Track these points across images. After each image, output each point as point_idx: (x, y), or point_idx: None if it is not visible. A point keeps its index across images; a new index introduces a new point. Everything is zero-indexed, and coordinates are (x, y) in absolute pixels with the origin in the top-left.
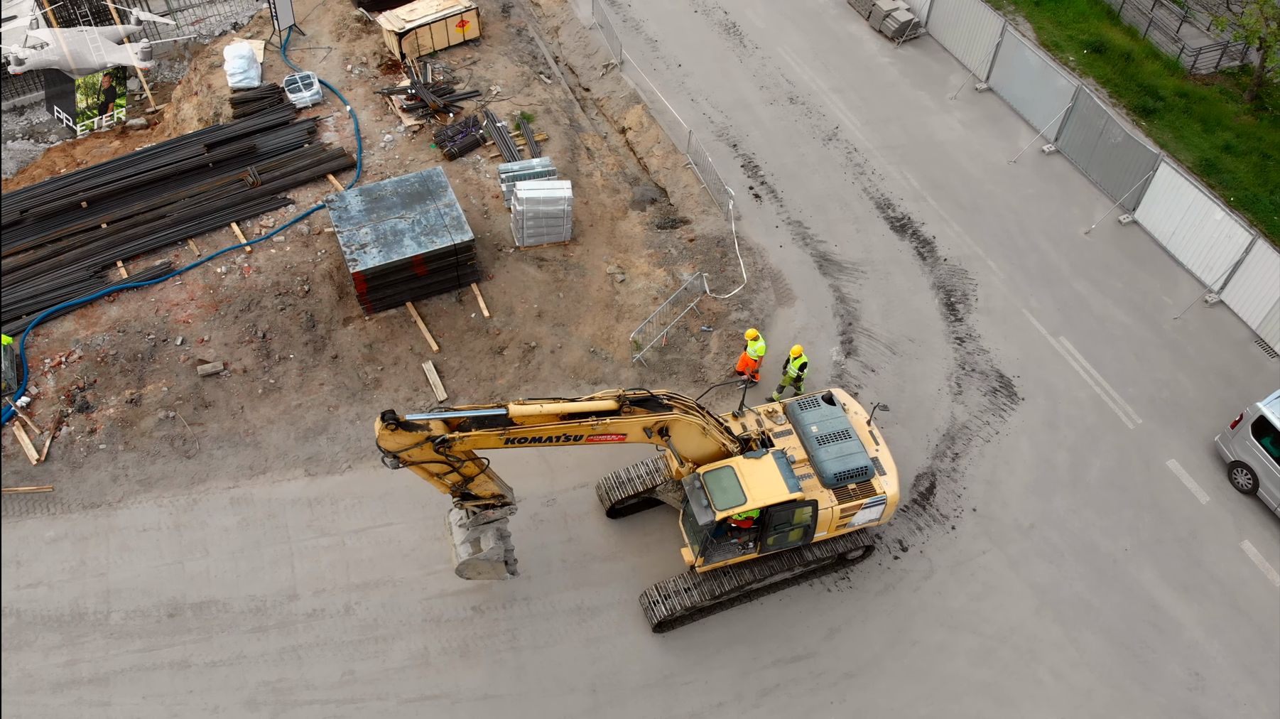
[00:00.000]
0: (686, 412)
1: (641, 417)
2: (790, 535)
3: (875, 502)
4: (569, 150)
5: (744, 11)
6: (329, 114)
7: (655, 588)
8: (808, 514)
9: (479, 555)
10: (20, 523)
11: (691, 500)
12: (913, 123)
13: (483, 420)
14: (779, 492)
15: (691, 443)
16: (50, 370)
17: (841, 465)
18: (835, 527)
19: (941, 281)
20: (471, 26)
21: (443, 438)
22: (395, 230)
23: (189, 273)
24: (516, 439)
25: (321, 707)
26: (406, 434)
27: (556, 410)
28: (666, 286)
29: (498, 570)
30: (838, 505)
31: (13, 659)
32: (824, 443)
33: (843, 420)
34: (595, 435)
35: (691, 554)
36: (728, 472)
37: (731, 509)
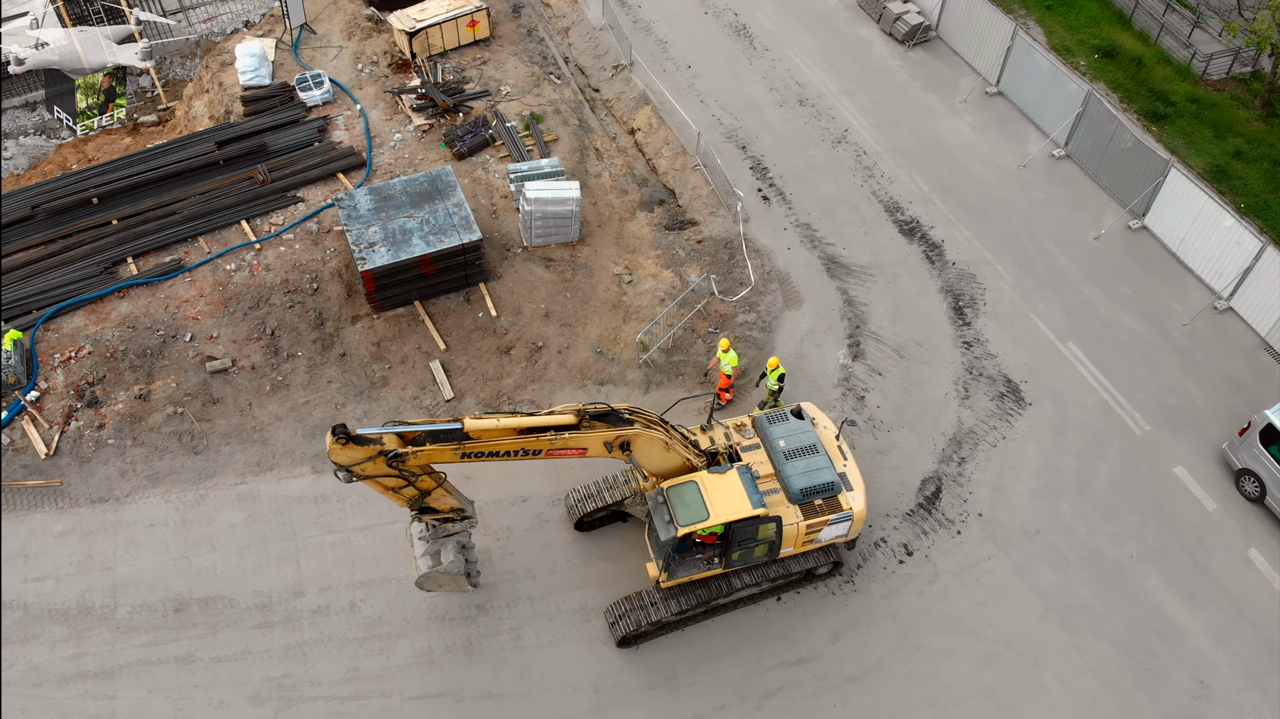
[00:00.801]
0: (648, 426)
1: (601, 431)
2: (755, 551)
3: (841, 518)
4: (578, 151)
5: (754, 13)
6: (339, 113)
7: (619, 603)
8: (772, 530)
9: (439, 568)
10: (28, 516)
11: (655, 515)
12: (922, 126)
13: (437, 435)
14: (742, 507)
15: (654, 458)
16: (60, 365)
17: (808, 481)
18: (802, 542)
19: (950, 285)
20: (482, 26)
21: (395, 452)
22: (404, 229)
23: (199, 270)
24: (473, 454)
25: (326, 703)
26: (358, 448)
27: (513, 425)
28: (674, 288)
29: (459, 583)
30: (804, 521)
31: (19, 652)
32: (791, 458)
33: (811, 435)
34: (554, 450)
35: (656, 569)
36: (691, 487)
37: (694, 525)
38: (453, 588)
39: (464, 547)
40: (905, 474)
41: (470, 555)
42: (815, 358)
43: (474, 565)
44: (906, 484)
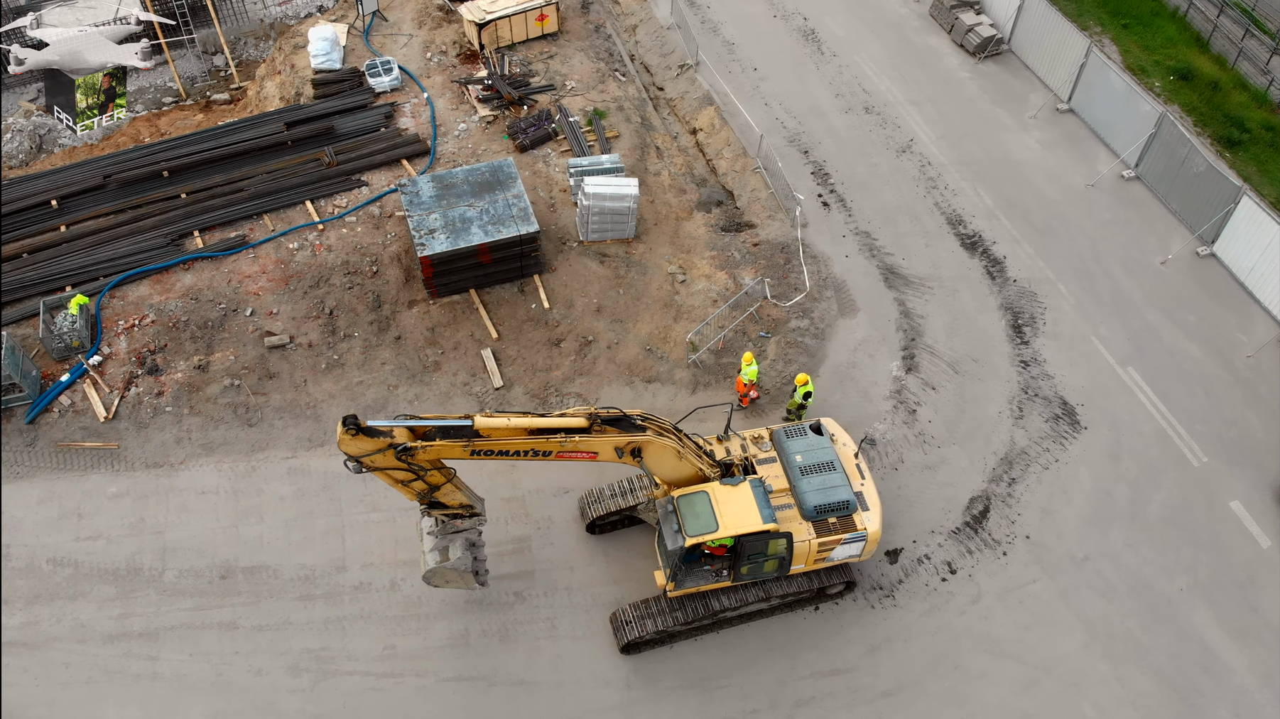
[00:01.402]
0: (661, 434)
1: (613, 436)
2: (765, 566)
3: (855, 538)
4: (639, 148)
5: (824, 19)
6: (406, 100)
7: (625, 609)
8: (782, 546)
9: (446, 564)
10: (85, 477)
11: (664, 524)
12: (990, 140)
13: (448, 430)
14: (752, 521)
15: (666, 465)
16: (123, 332)
17: (823, 498)
18: (813, 560)
19: (1009, 303)
20: (551, 21)
21: (405, 446)
22: (464, 218)
23: (262, 246)
24: (482, 452)
25: (361, 678)
26: (368, 440)
27: (524, 425)
28: (727, 290)
29: (466, 580)
30: (816, 539)
31: (67, 608)
32: (807, 473)
33: (829, 452)
34: (565, 452)
35: (663, 578)
36: (702, 497)
37: (702, 536)
38: (460, 584)
39: (473, 544)
40: (953, 491)
41: (479, 553)
42: (868, 368)
43: (482, 564)
44: (954, 501)
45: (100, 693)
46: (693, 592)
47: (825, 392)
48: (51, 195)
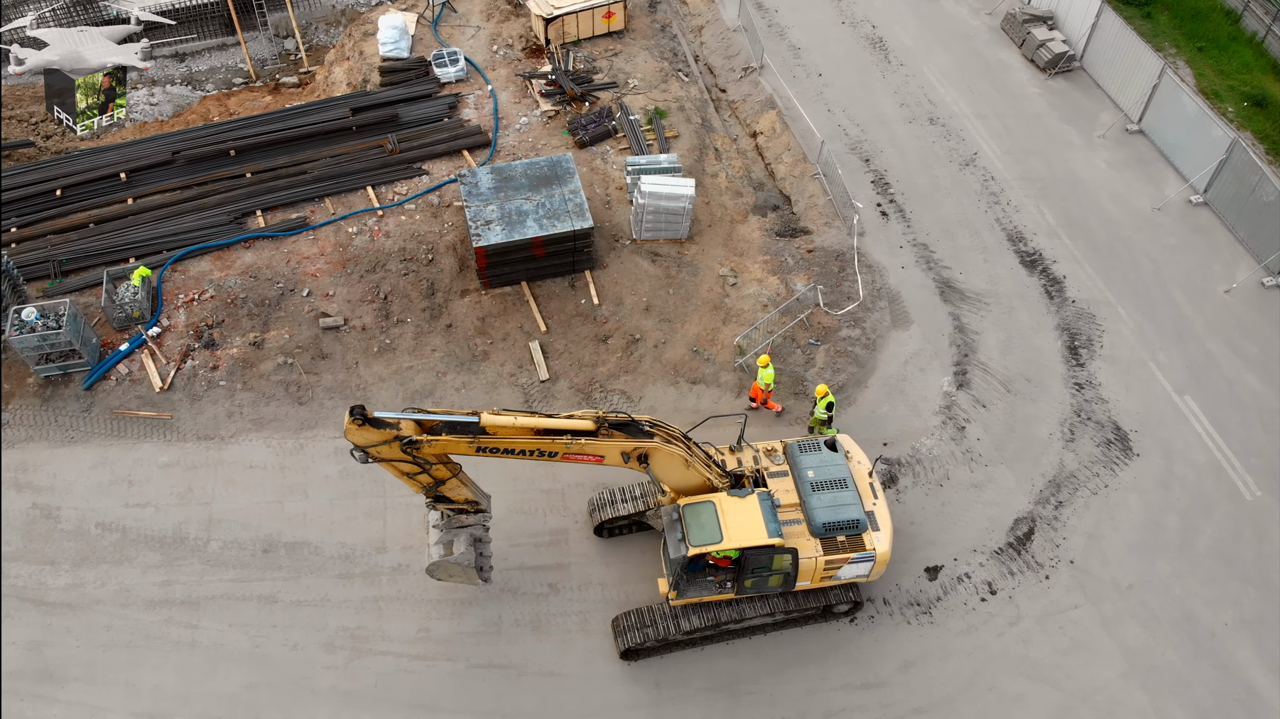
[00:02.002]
0: (669, 441)
1: (619, 441)
2: (770, 581)
3: (863, 557)
4: (697, 149)
5: (892, 27)
6: (470, 91)
7: (627, 614)
8: (787, 562)
9: (450, 558)
10: (137, 445)
11: (668, 531)
12: (1056, 157)
13: (454, 426)
14: (757, 534)
15: (673, 473)
16: (183, 305)
17: (832, 515)
18: (819, 578)
19: (1067, 323)
20: (617, 19)
21: (410, 439)
22: (520, 211)
23: (322, 229)
24: (488, 449)
25: (395, 659)
26: (374, 431)
27: (530, 424)
28: (778, 295)
29: (469, 575)
30: (823, 556)
31: (112, 572)
32: (818, 489)
33: (842, 469)
34: (570, 454)
35: (666, 585)
36: (708, 507)
37: (705, 546)
38: (463, 579)
39: (478, 540)
40: (998, 511)
41: (485, 549)
42: (918, 381)
43: (487, 559)
44: (998, 522)
45: (139, 657)
46: (695, 601)
47: (873, 403)
48: (121, 168)
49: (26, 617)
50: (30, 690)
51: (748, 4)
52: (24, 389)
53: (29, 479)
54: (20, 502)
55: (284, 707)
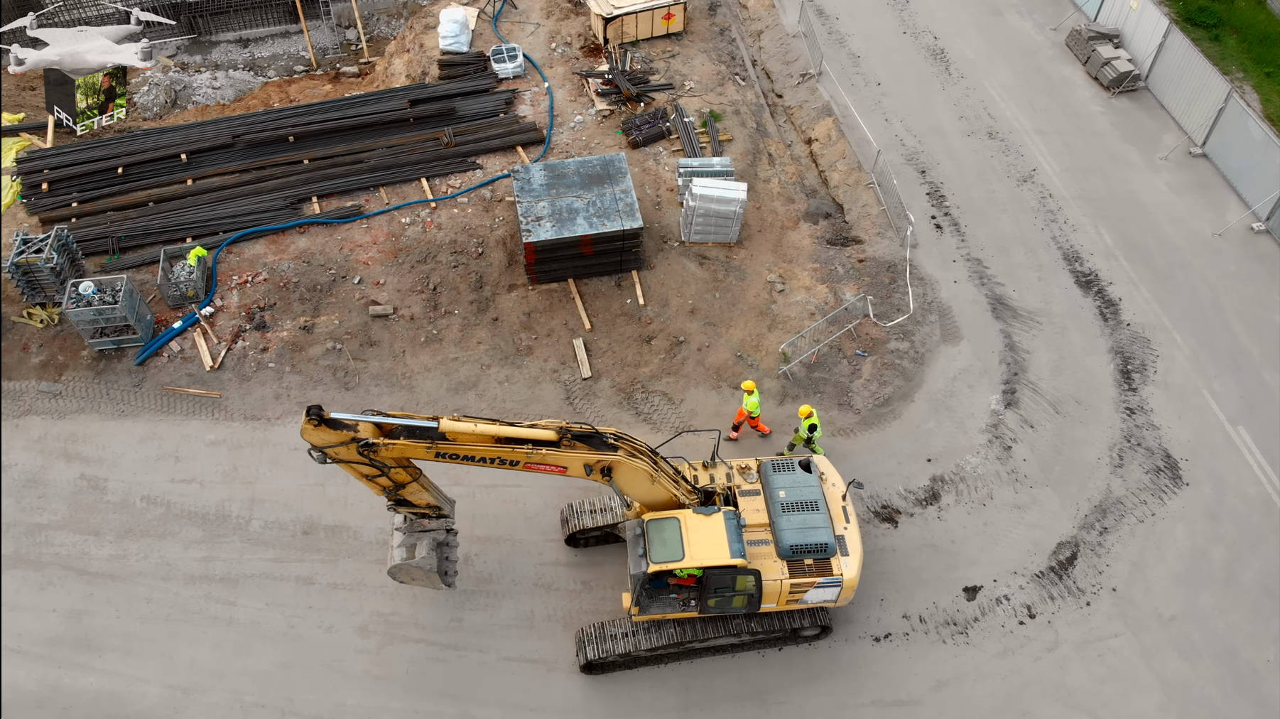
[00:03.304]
0: (633, 455)
1: (581, 453)
2: (734, 601)
3: (830, 582)
4: (751, 154)
5: (954, 39)
6: (527, 88)
7: (590, 628)
8: (750, 583)
9: (411, 561)
10: (185, 422)
11: (630, 546)
12: (1116, 177)
13: (413, 430)
14: (719, 554)
15: (638, 488)
16: (236, 287)
17: (800, 538)
18: (785, 600)
19: (1120, 347)
20: (677, 20)
21: (367, 441)
22: (571, 208)
23: (376, 218)
24: (447, 455)
25: (426, 647)
26: (331, 432)
27: (491, 432)
28: (826, 304)
29: (432, 579)
30: (788, 579)
31: (155, 545)
32: (788, 511)
33: (814, 491)
34: (532, 464)
35: (629, 600)
36: (673, 523)
37: (665, 564)
38: (425, 583)
39: (443, 544)
40: (1041, 534)
41: (450, 554)
42: (965, 398)
43: (452, 564)
44: (1040, 545)
45: (177, 631)
46: (658, 618)
47: (918, 418)
48: (182, 149)
49: (69, 585)
50: (68, 658)
51: (809, 10)
52: (78, 361)
53: (79, 450)
54: (69, 471)
55: (315, 688)
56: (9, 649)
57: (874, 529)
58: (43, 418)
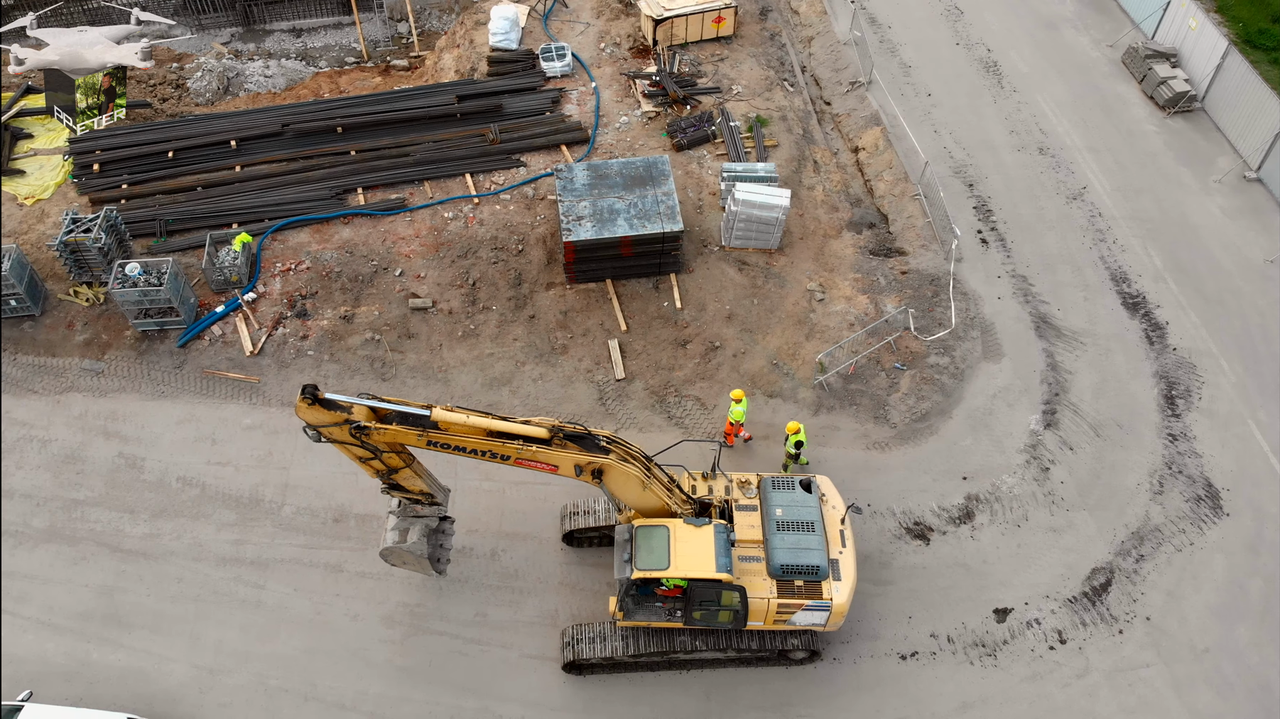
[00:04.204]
0: (625, 460)
1: (573, 453)
2: (719, 616)
3: (818, 606)
4: (796, 160)
5: (1008, 52)
6: (574, 87)
7: (577, 627)
8: (735, 599)
9: (402, 545)
10: (223, 405)
11: (617, 550)
12: (1168, 199)
13: (406, 417)
14: (705, 567)
15: (629, 493)
16: (279, 274)
17: (792, 558)
18: (772, 620)
19: (1165, 371)
20: (727, 24)
21: (360, 424)
22: (612, 209)
23: (419, 212)
24: (439, 444)
25: (450, 640)
26: (324, 411)
27: (483, 425)
28: (866, 315)
29: (422, 565)
30: (776, 598)
31: (188, 526)
32: (783, 529)
33: (812, 511)
34: (523, 460)
35: (614, 604)
36: (661, 532)
37: (649, 571)
38: (416, 568)
39: (436, 532)
40: (1076, 558)
41: (444, 542)
42: (1004, 417)
43: (445, 552)
44: (1074, 569)
45: (205, 611)
46: (642, 625)
47: (955, 435)
48: (232, 136)
49: (102, 561)
50: (98, 633)
51: (861, 18)
52: (121, 341)
53: (118, 428)
54: (107, 449)
55: (339, 675)
56: (39, 622)
57: (905, 545)
58: (84, 395)
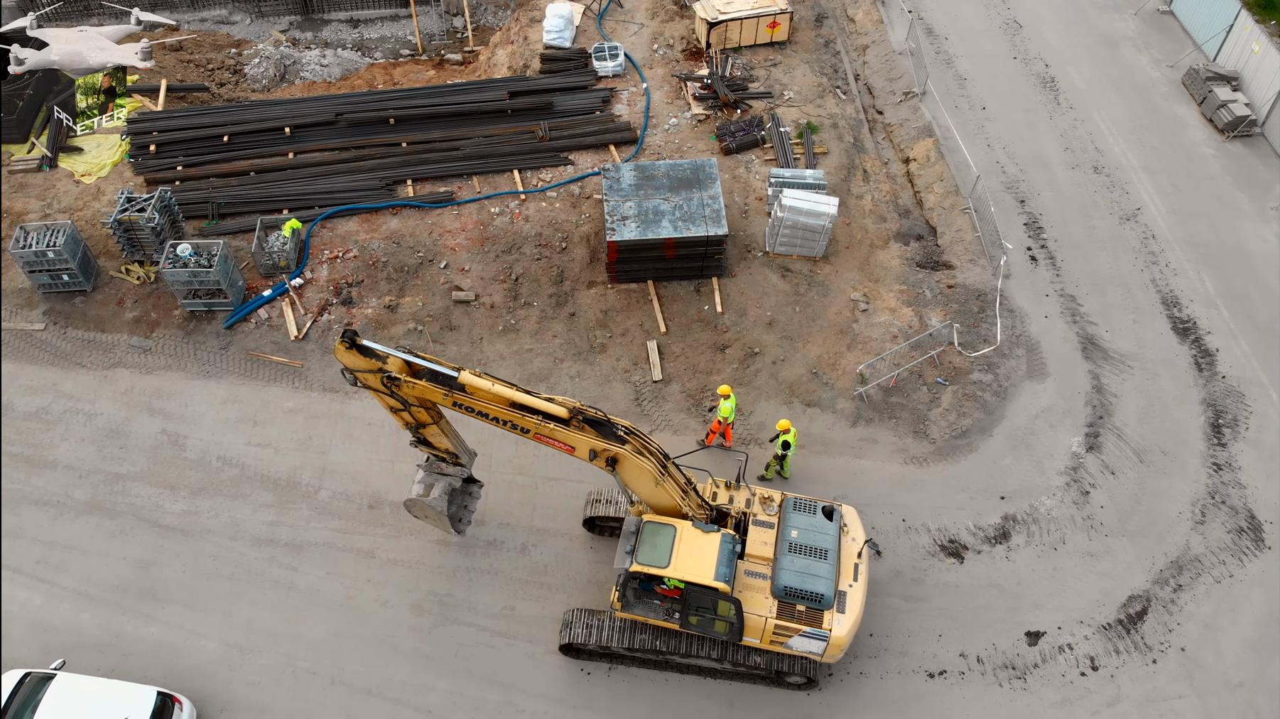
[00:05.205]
0: (640, 453)
1: (589, 437)
2: (716, 625)
3: (816, 634)
4: (845, 168)
5: (1066, 68)
6: (625, 88)
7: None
8: (730, 611)
9: (424, 499)
10: (266, 388)
11: (622, 540)
12: (1223, 224)
13: (435, 375)
14: (703, 573)
15: (642, 486)
16: (327, 261)
17: (796, 581)
18: (769, 640)
19: (1213, 399)
20: (782, 29)
21: (391, 375)
22: (657, 210)
23: (466, 206)
24: (463, 406)
25: (477, 631)
26: (359, 357)
27: (506, 395)
28: (910, 327)
29: (442, 523)
30: (774, 619)
31: (226, 505)
32: (795, 552)
33: (829, 539)
34: (541, 436)
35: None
36: (669, 530)
37: (647, 567)
38: (436, 524)
39: (461, 493)
40: (1112, 585)
41: (468, 503)
42: (1046, 437)
43: (468, 513)
44: (1110, 595)
45: (239, 590)
46: (640, 619)
47: (996, 453)
48: (286, 123)
49: (141, 535)
50: (133, 606)
51: (917, 28)
52: (169, 320)
53: (162, 405)
54: (151, 425)
55: (366, 660)
56: (76, 592)
57: (939, 563)
58: (131, 371)
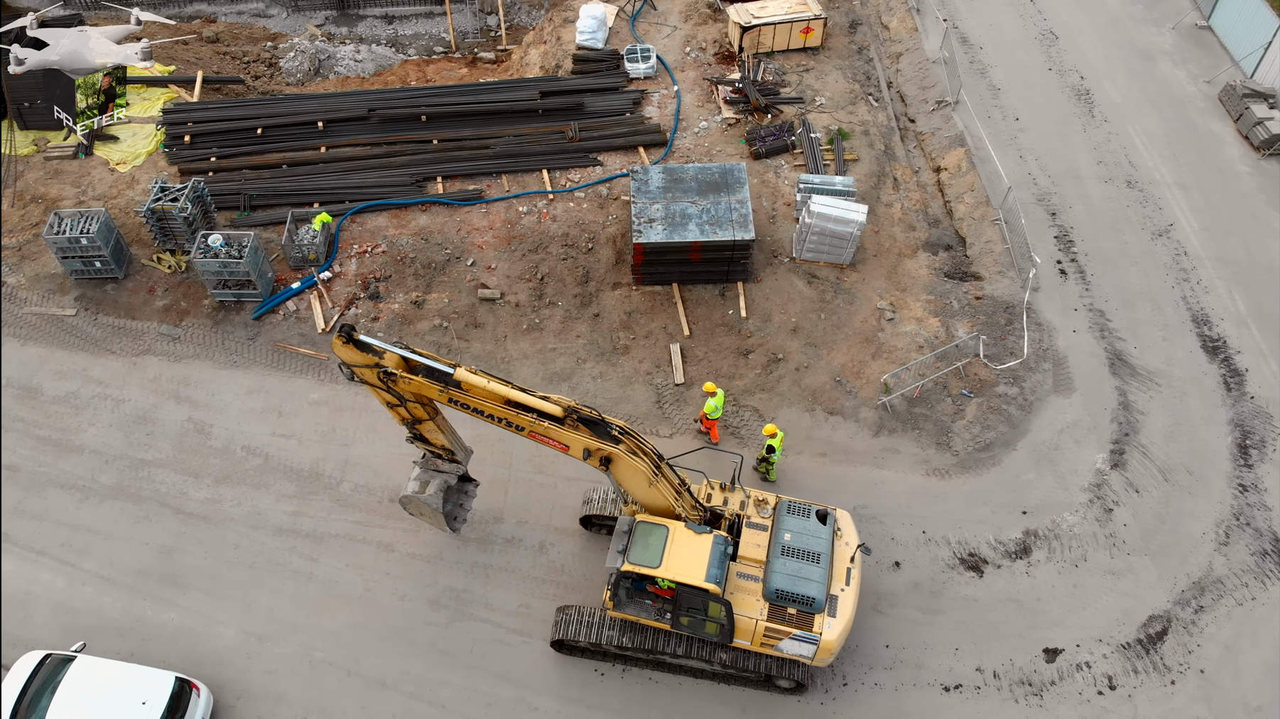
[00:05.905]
0: (634, 454)
1: (583, 436)
2: (706, 627)
3: (806, 638)
4: (875, 176)
5: (1102, 81)
6: (656, 90)
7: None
8: (720, 612)
9: (419, 495)
10: (292, 379)
11: (614, 539)
12: (1257, 242)
13: (432, 371)
14: (694, 574)
15: (636, 486)
16: (355, 255)
17: (787, 584)
18: (759, 642)
19: (1241, 420)
20: (815, 35)
21: (387, 370)
22: (684, 213)
23: (495, 204)
24: (459, 403)
25: (493, 628)
26: (356, 351)
27: (501, 393)
28: (936, 338)
29: (437, 520)
30: (764, 621)
31: (249, 494)
32: (787, 555)
33: (822, 544)
34: (535, 434)
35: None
36: (661, 531)
37: (638, 566)
38: (431, 521)
39: (458, 491)
40: (1132, 604)
41: (463, 501)
42: (1070, 453)
43: (463, 512)
44: (1131, 614)
45: (259, 578)
46: (631, 619)
47: (1019, 468)
48: (319, 117)
49: (164, 522)
50: (154, 592)
51: (952, 37)
52: (199, 309)
53: (189, 393)
54: (177, 413)
55: (382, 653)
56: (99, 576)
57: (958, 576)
58: (160, 359)
